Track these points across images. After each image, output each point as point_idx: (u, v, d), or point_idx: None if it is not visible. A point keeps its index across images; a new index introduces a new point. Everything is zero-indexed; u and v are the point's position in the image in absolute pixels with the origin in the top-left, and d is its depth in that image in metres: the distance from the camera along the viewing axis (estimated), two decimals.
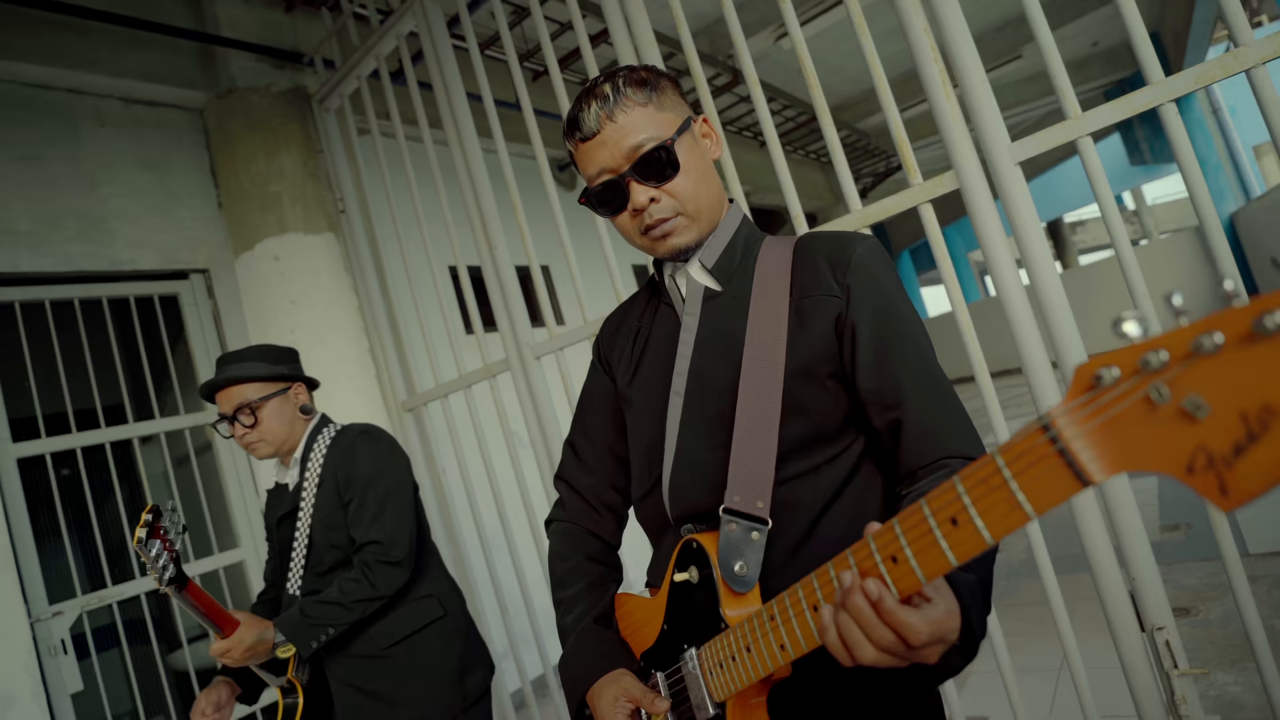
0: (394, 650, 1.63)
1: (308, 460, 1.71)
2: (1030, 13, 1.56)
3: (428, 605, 1.69)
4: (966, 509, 0.54)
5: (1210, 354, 0.39)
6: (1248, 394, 0.38)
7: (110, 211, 2.90)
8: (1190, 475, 0.41)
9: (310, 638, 1.52)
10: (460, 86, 2.75)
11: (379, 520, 1.61)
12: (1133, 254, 1.50)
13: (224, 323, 3.14)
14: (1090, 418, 0.45)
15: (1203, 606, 2.59)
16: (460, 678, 1.67)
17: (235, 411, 1.65)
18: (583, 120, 0.92)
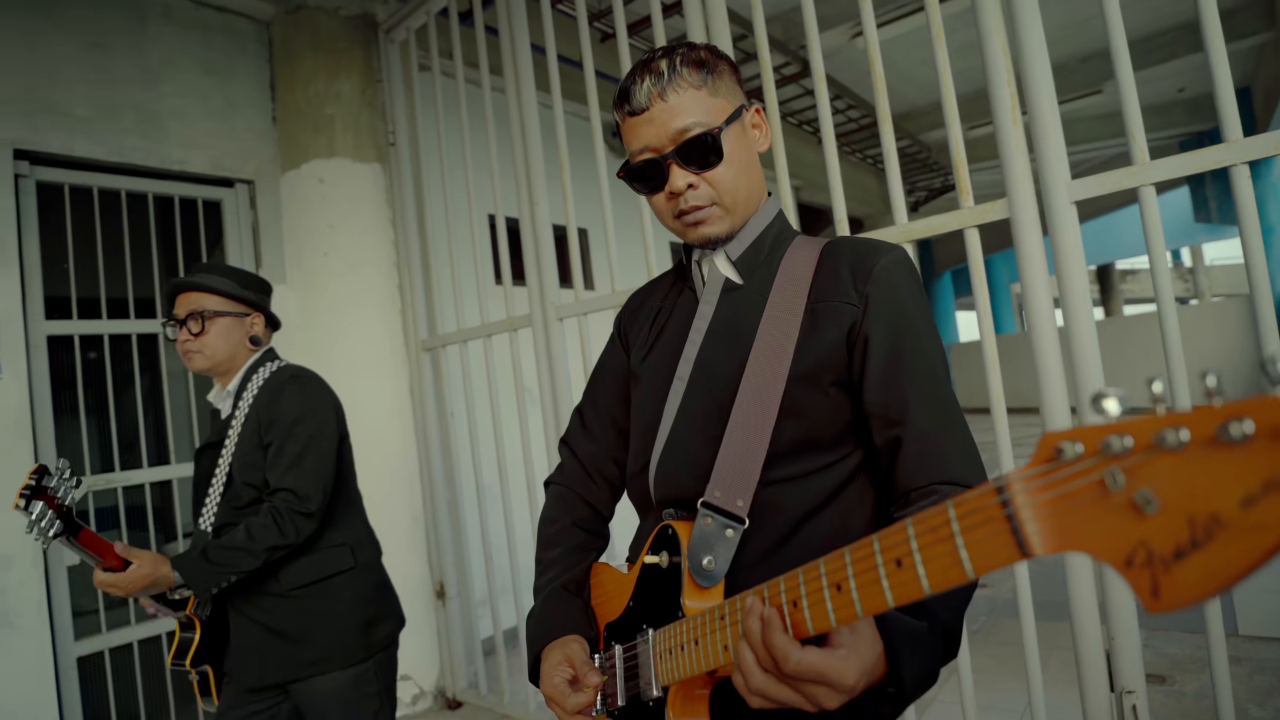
0: (301, 593, 1.62)
1: (242, 393, 1.69)
2: (1114, 51, 1.51)
3: (339, 554, 1.68)
4: (912, 553, 0.54)
5: (1172, 450, 0.38)
6: (1199, 499, 0.37)
7: (168, 110, 2.93)
8: (1128, 569, 0.40)
9: (210, 583, 1.51)
10: (526, 36, 2.73)
11: (296, 469, 1.59)
12: (1174, 314, 1.47)
13: (261, 235, 3.18)
14: (1044, 489, 0.44)
15: (1180, 677, 2.56)
16: (365, 628, 1.66)
17: (187, 316, 1.63)
18: (633, 94, 0.90)
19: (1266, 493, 0.34)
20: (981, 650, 3.08)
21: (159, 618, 1.66)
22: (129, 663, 2.66)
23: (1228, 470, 0.36)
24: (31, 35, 2.62)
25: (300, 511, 1.57)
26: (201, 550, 1.51)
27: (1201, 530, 0.36)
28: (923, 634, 0.70)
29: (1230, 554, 0.36)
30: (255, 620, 1.61)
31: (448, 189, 3.08)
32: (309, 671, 1.60)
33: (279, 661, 1.59)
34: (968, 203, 1.71)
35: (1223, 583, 0.36)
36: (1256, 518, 0.35)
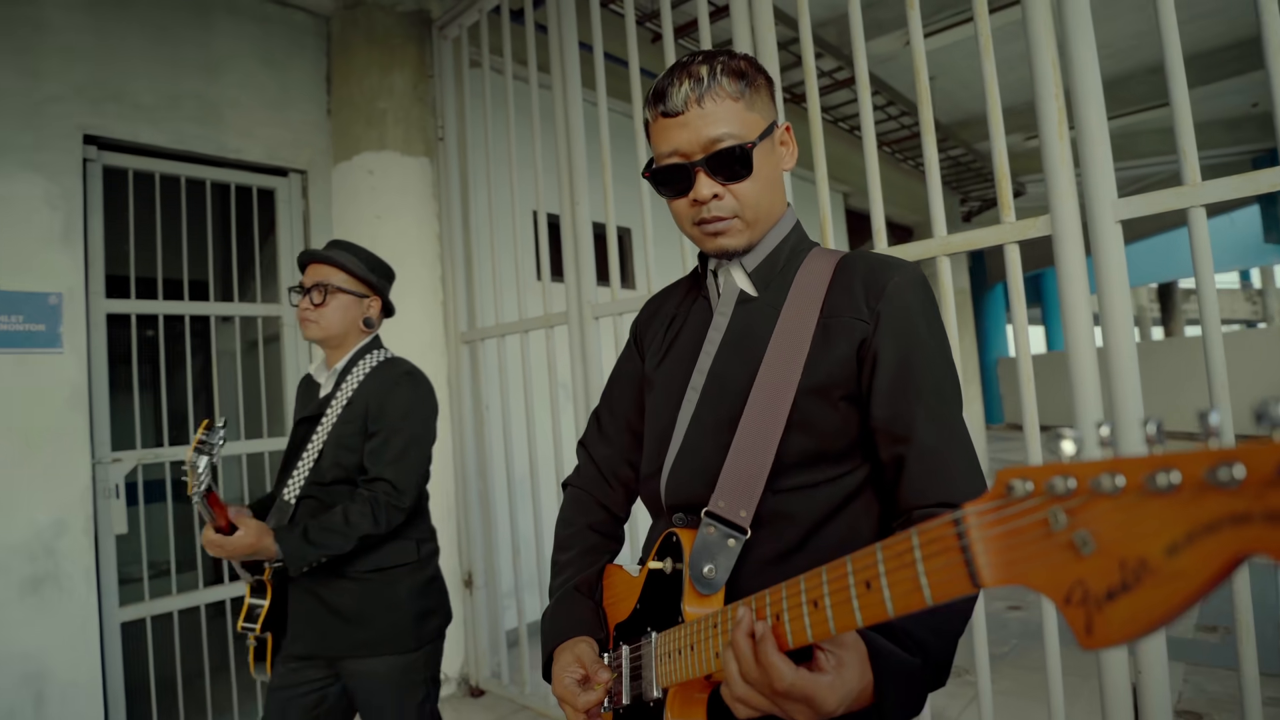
0: (368, 577, 1.68)
1: (347, 374, 1.76)
2: (1169, 66, 1.47)
3: (406, 547, 1.74)
4: (880, 576, 0.56)
5: (1108, 494, 0.39)
6: (1130, 543, 0.38)
7: (227, 100, 3.04)
8: (1067, 605, 0.41)
9: (305, 560, 1.57)
10: (574, 34, 2.76)
11: (399, 464, 1.66)
12: (1220, 342, 1.42)
13: (312, 224, 3.27)
14: (994, 524, 0.46)
15: (1218, 716, 2.47)
16: (418, 620, 1.70)
17: (312, 286, 1.73)
18: (670, 95, 0.90)
19: (1189, 542, 0.35)
20: (1009, 675, 3.01)
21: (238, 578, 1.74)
22: (168, 630, 2.77)
23: (1156, 518, 0.37)
24: (103, 26, 2.75)
25: (395, 505, 1.64)
26: (303, 530, 1.57)
27: (1131, 574, 0.38)
28: (914, 670, 0.71)
29: (1155, 599, 0.37)
30: (318, 595, 1.67)
31: (492, 184, 3.13)
32: (362, 652, 1.66)
33: (334, 638, 1.66)
34: (1009, 218, 1.67)
35: (1148, 625, 0.37)
36: (1179, 566, 0.36)
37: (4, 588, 2.36)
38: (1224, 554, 0.34)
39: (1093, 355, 1.56)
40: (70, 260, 2.58)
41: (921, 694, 0.72)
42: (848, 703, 0.66)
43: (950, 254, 1.76)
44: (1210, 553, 0.34)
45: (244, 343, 3.28)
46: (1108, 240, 1.53)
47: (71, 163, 2.61)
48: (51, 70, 2.60)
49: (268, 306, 3.22)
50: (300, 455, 1.75)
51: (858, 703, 0.68)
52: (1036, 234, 1.63)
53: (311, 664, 1.70)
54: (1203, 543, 0.35)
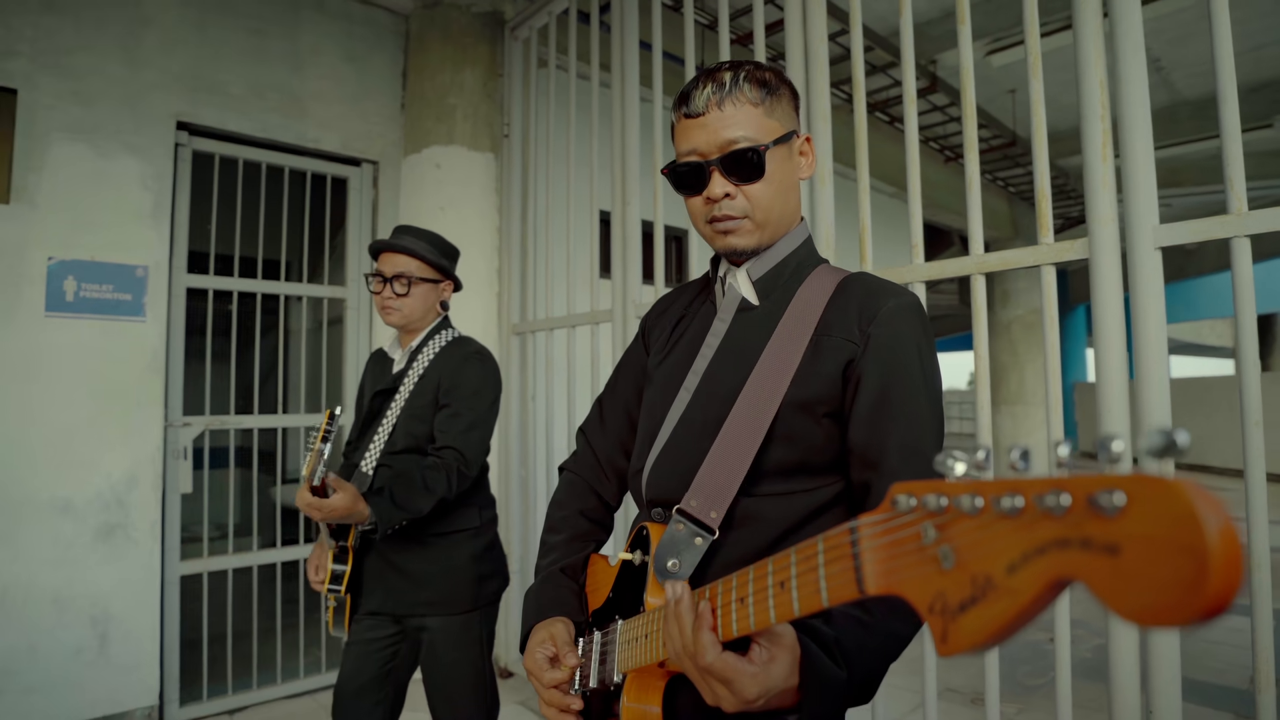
0: (433, 540, 1.80)
1: (420, 352, 1.87)
2: (1221, 90, 1.42)
3: (469, 514, 1.85)
4: (791, 579, 0.59)
5: (968, 514, 0.41)
6: (981, 560, 0.40)
7: (310, 92, 3.22)
8: (929, 614, 0.44)
9: (393, 522, 1.66)
10: (635, 33, 2.82)
11: (467, 434, 1.76)
12: (1257, 374, 1.37)
13: (380, 213, 3.44)
14: (880, 535, 0.49)
15: None
16: (478, 582, 1.83)
17: (394, 276, 1.81)
18: (693, 97, 0.94)
19: (1024, 562, 0.38)
20: (1042, 706, 2.92)
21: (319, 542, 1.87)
22: (223, 586, 2.97)
23: (1003, 538, 0.39)
24: (203, 19, 2.96)
25: (464, 472, 1.74)
26: (389, 494, 1.68)
27: (980, 588, 0.40)
28: (839, 681, 0.73)
29: (994, 613, 0.39)
30: (387, 558, 1.80)
31: (550, 181, 3.22)
32: (423, 610, 1.78)
33: (399, 596, 1.78)
34: (1046, 239, 1.64)
35: (989, 637, 0.40)
36: (1014, 584, 0.38)
37: (80, 533, 2.58)
38: (1047, 576, 0.36)
39: (1124, 382, 1.52)
40: (158, 236, 2.79)
41: (842, 705, 0.74)
42: (768, 696, 0.69)
43: (985, 272, 1.74)
44: (1038, 574, 0.37)
45: (311, 322, 3.47)
46: (1146, 266, 1.49)
47: (165, 147, 2.82)
48: (152, 59, 2.82)
49: (334, 289, 3.40)
50: (376, 427, 1.86)
51: (779, 700, 0.71)
52: (1074, 256, 1.60)
53: (382, 620, 1.82)
54: (1033, 564, 0.37)
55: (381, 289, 1.83)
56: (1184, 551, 0.30)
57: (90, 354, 2.64)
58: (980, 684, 3.17)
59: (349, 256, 3.43)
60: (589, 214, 3.06)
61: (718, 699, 0.69)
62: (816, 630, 0.74)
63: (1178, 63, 5.88)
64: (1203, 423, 10.42)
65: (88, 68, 2.68)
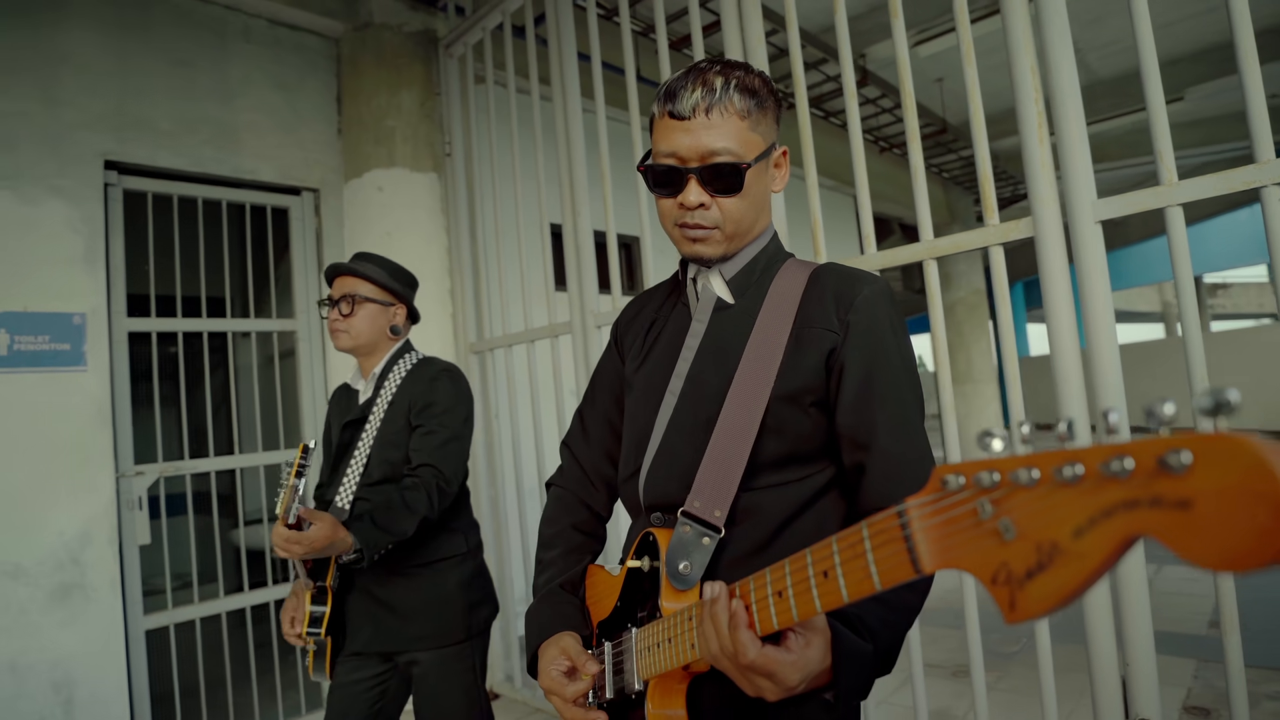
0: (417, 571, 1.75)
1: (385, 378, 1.84)
2: (1144, 66, 1.49)
3: (455, 539, 1.80)
4: (835, 567, 0.61)
5: (1025, 486, 0.44)
6: (1045, 528, 0.43)
7: (242, 123, 3.14)
8: (994, 585, 0.46)
9: (378, 549, 1.60)
10: (573, 45, 2.83)
11: (443, 450, 1.72)
12: (1199, 336, 1.43)
13: (325, 241, 3.37)
14: (931, 515, 0.51)
15: (1224, 711, 2.45)
16: (468, 610, 1.76)
17: (340, 298, 1.79)
18: (680, 97, 0.93)
19: (1091, 526, 0.40)
20: (1019, 672, 3.00)
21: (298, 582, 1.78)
22: (191, 638, 2.86)
23: (1065, 506, 0.42)
24: (124, 54, 2.86)
25: (444, 489, 1.69)
26: (370, 516, 1.62)
27: (1046, 555, 0.43)
28: (867, 655, 0.75)
29: (1064, 577, 0.42)
30: (372, 594, 1.74)
31: (498, 197, 3.20)
32: (415, 646, 1.72)
33: (388, 633, 1.72)
34: (993, 220, 1.70)
35: (1060, 600, 0.42)
36: (1082, 547, 0.41)
37: (34, 597, 2.46)
38: (1118, 536, 0.39)
39: (1076, 353, 1.58)
40: (93, 281, 2.68)
41: (870, 678, 0.77)
42: (809, 680, 0.71)
43: (936, 257, 1.79)
44: (1107, 535, 0.39)
45: (261, 357, 3.38)
46: (1088, 241, 1.55)
47: (93, 188, 2.72)
48: (73, 98, 2.71)
49: (283, 322, 3.32)
50: (348, 460, 1.81)
51: (816, 682, 0.73)
52: (1019, 236, 1.65)
53: (368, 660, 1.76)
54: (1101, 526, 0.40)
55: (331, 312, 1.82)
56: (1259, 499, 0.33)
57: (31, 409, 2.52)
58: (960, 657, 3.24)
59: (295, 287, 3.35)
60: (539, 228, 3.05)
61: (760, 690, 0.70)
62: (841, 610, 0.76)
63: (1092, 44, 6.14)
64: (1149, 384, 10.94)
65: (4, 111, 2.56)
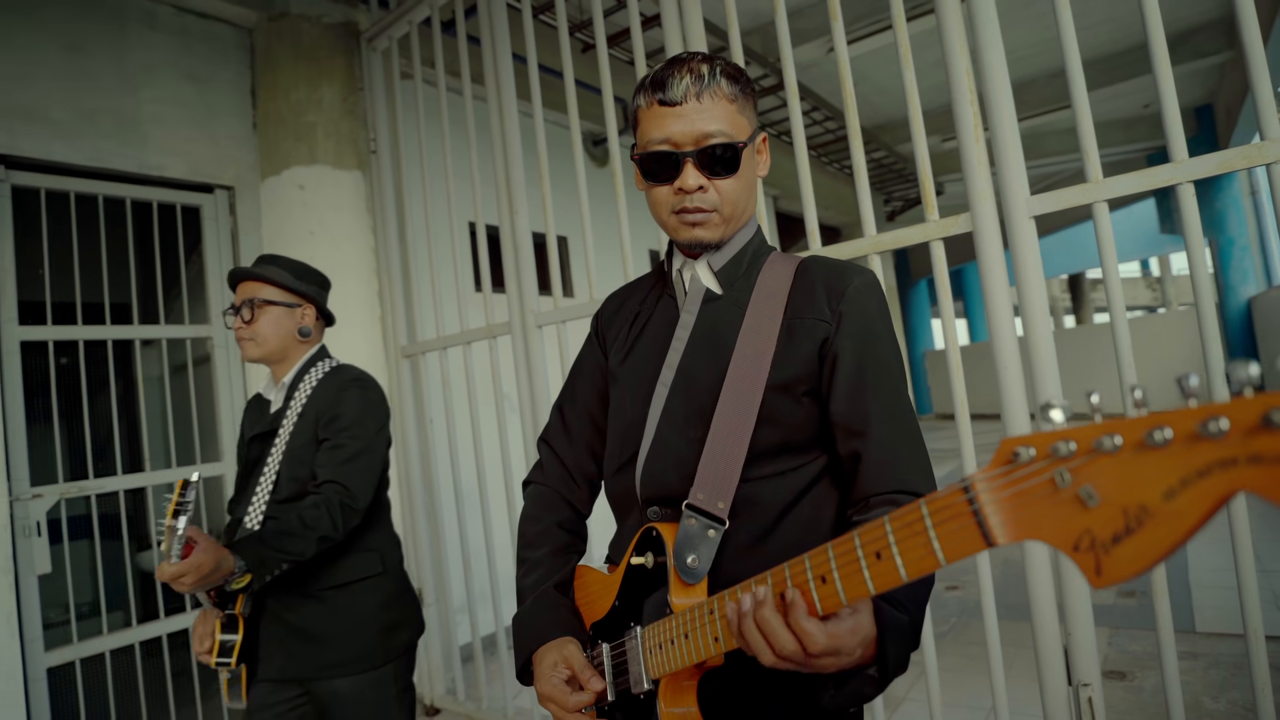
0: (330, 594, 1.64)
1: (296, 387, 1.72)
2: (1069, 71, 1.59)
3: (370, 559, 1.71)
4: (890, 546, 0.61)
5: (1108, 453, 0.45)
6: (1131, 492, 0.44)
7: (147, 115, 2.93)
8: (1075, 553, 0.47)
9: (268, 569, 1.49)
10: (508, 46, 2.77)
11: (349, 465, 1.62)
12: (1125, 324, 1.54)
13: (240, 242, 3.18)
14: (1004, 488, 0.52)
15: (1140, 674, 2.64)
16: (387, 633, 1.68)
17: (241, 305, 1.69)
18: (670, 85, 0.94)
19: (1184, 487, 0.42)
20: (951, 650, 3.14)
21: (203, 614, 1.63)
22: (100, 673, 2.64)
23: (1153, 469, 0.43)
24: (8, 37, 2.62)
25: (349, 505, 1.59)
26: (258, 536, 1.50)
27: (1134, 518, 0.44)
28: (904, 625, 0.76)
29: (1156, 537, 0.43)
30: (283, 619, 1.63)
31: (428, 197, 3.10)
32: (328, 673, 1.62)
33: (301, 660, 1.62)
34: (933, 216, 1.77)
35: (1152, 561, 0.44)
36: (1176, 507, 0.42)
37: None
38: (1216, 493, 0.41)
39: (1014, 342, 1.67)
40: None
41: (909, 650, 0.77)
42: (864, 646, 0.71)
43: (880, 251, 1.85)
44: (1204, 494, 0.41)
45: (172, 366, 3.16)
46: (1023, 234, 1.64)
47: None
48: None
49: (196, 328, 3.11)
50: (258, 475, 1.69)
51: (866, 651, 0.72)
52: (959, 230, 1.73)
53: (285, 685, 1.66)
54: (1196, 486, 0.41)
55: (235, 319, 1.71)
56: None
57: None
58: None
59: (209, 290, 3.15)
60: (469, 228, 2.97)
61: (821, 668, 0.70)
62: None
63: None
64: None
65: None
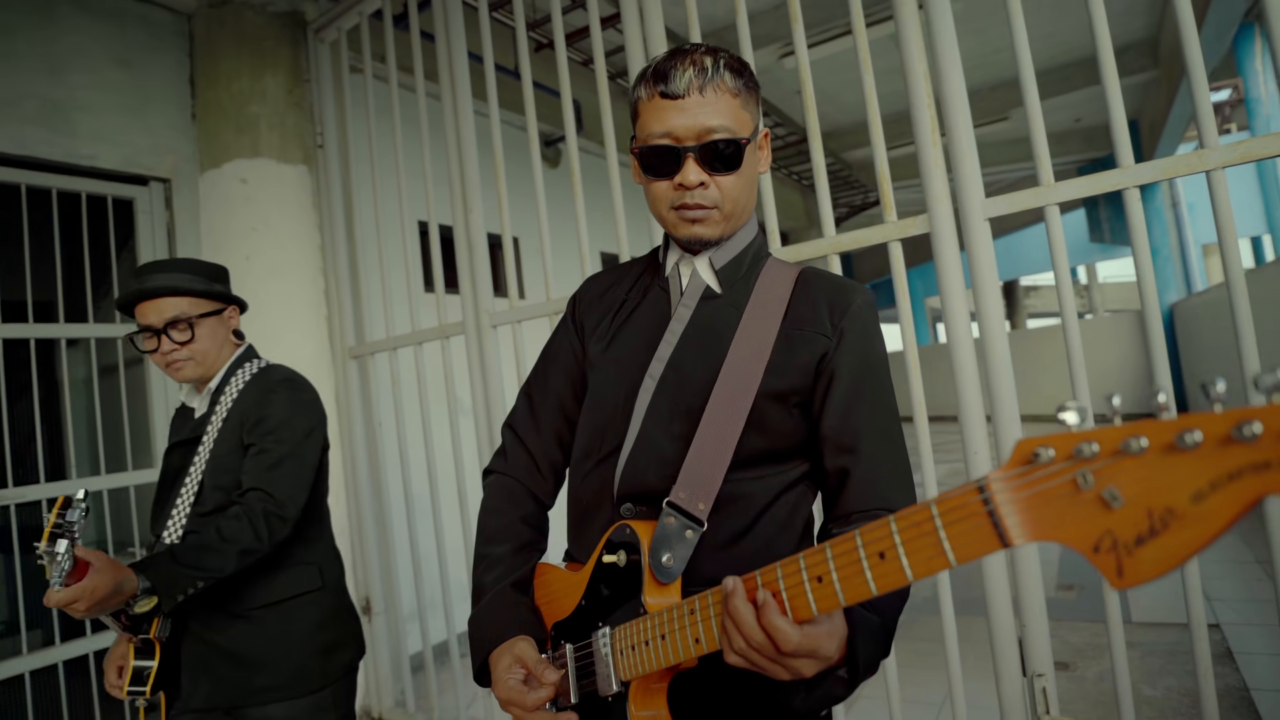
0: (261, 613, 1.53)
1: (223, 391, 1.60)
2: (1023, 82, 1.63)
3: (307, 573, 1.60)
4: (895, 546, 0.60)
5: (1134, 455, 0.45)
6: (1157, 495, 0.44)
7: (76, 102, 2.77)
8: (1095, 554, 0.47)
9: (179, 589, 1.35)
10: (463, 43, 2.72)
11: (274, 471, 1.50)
12: (1077, 326, 1.59)
13: (177, 237, 3.04)
14: (1022, 488, 0.51)
15: (1081, 664, 2.74)
16: (325, 654, 1.58)
17: (167, 325, 1.50)
18: (673, 78, 0.91)
19: (1213, 490, 0.42)
20: (902, 647, 3.20)
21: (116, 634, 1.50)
22: (19, 696, 2.48)
23: (1181, 471, 0.43)
24: None
25: (275, 514, 1.47)
26: (168, 551, 1.37)
27: (1159, 520, 0.44)
28: (876, 627, 0.76)
29: (1183, 539, 0.43)
30: (208, 641, 1.51)
31: (379, 194, 3.02)
32: (260, 699, 1.51)
33: (230, 686, 1.50)
34: (892, 218, 1.80)
35: (1177, 562, 0.44)
36: (1205, 510, 0.42)
37: None
38: (1246, 497, 0.41)
39: (971, 343, 1.70)
40: None
41: (880, 653, 0.76)
42: (839, 651, 0.70)
43: (839, 252, 1.88)
44: (1233, 497, 0.41)
45: (101, 367, 3.00)
46: (979, 236, 1.68)
47: None
48: None
49: (127, 326, 2.96)
50: (178, 488, 1.56)
51: (838, 654, 0.72)
52: (917, 231, 1.76)
53: (210, 716, 1.53)
54: (1226, 489, 0.41)
55: (156, 344, 1.52)
56: None
57: None
58: None
59: None
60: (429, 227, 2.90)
61: (797, 671, 0.69)
62: None
63: None
64: None
65: None
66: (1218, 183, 1.42)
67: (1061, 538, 0.49)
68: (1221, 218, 1.43)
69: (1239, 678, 2.55)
